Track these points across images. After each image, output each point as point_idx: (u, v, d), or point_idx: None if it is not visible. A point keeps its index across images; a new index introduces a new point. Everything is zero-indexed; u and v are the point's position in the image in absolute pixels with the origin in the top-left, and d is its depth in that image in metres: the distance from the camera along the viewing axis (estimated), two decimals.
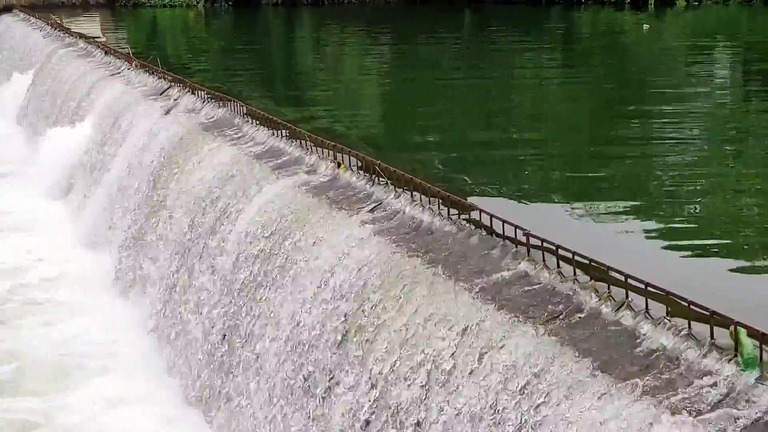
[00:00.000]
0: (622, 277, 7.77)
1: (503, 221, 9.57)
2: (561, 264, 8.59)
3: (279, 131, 15.96)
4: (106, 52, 30.09)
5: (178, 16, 59.98)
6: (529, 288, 8.55)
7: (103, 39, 37.47)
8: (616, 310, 7.69)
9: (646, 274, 7.65)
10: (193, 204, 15.60)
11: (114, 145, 21.55)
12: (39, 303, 17.48)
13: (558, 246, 8.66)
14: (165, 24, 55.29)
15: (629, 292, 7.69)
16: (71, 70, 29.71)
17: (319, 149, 14.21)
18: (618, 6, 64.01)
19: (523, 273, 8.87)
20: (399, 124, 20.08)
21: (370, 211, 11.61)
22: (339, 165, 13.41)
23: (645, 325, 7.34)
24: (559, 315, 7.91)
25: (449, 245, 10.02)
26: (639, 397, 6.49)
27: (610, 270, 8.00)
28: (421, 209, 11.05)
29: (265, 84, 26.87)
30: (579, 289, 8.16)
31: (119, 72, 26.31)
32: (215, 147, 16.69)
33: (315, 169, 13.81)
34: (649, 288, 7.48)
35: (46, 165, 24.85)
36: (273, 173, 14.18)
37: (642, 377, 6.70)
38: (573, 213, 11.94)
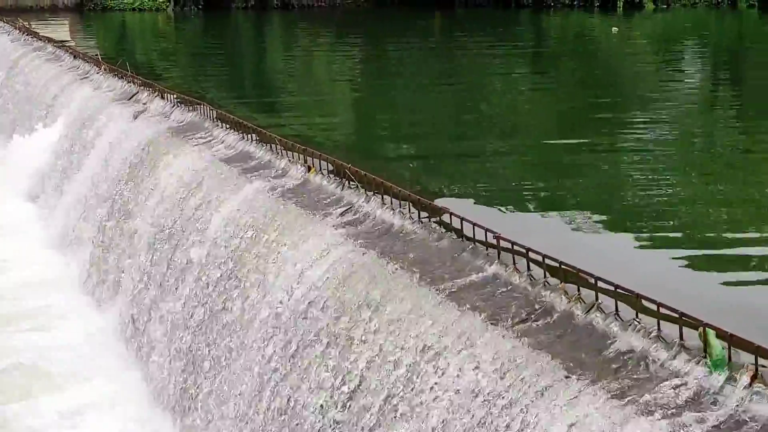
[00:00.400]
0: (591, 279, 7.81)
1: (474, 224, 9.60)
2: (531, 267, 8.62)
3: (249, 135, 15.93)
4: (74, 56, 29.92)
5: (147, 19, 59.71)
6: (500, 291, 8.57)
7: (72, 43, 37.28)
8: (586, 312, 7.72)
9: (615, 276, 7.68)
10: (163, 208, 15.54)
11: (83, 149, 21.44)
12: (6, 306, 17.34)
13: (528, 249, 8.69)
14: (134, 27, 55.04)
15: (599, 294, 7.72)
16: (40, 74, 29.53)
17: (290, 153, 14.19)
18: (587, 9, 64.32)
19: (494, 276, 8.90)
20: (369, 127, 20.09)
21: (340, 215, 11.62)
22: (309, 169, 13.41)
23: (615, 327, 7.37)
24: (530, 317, 7.94)
25: (420, 248, 10.03)
26: (609, 399, 6.52)
27: (580, 272, 8.04)
28: (392, 213, 11.06)
29: (236, 88, 26.80)
30: (549, 292, 8.20)
31: (88, 76, 26.17)
32: (185, 151, 16.64)
33: (285, 173, 13.79)
34: (619, 290, 7.51)
35: (14, 169, 24.72)
36: (243, 177, 14.15)
37: (612, 379, 6.74)
38: (543, 216, 11.98)
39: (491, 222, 9.65)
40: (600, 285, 7.71)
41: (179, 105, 19.60)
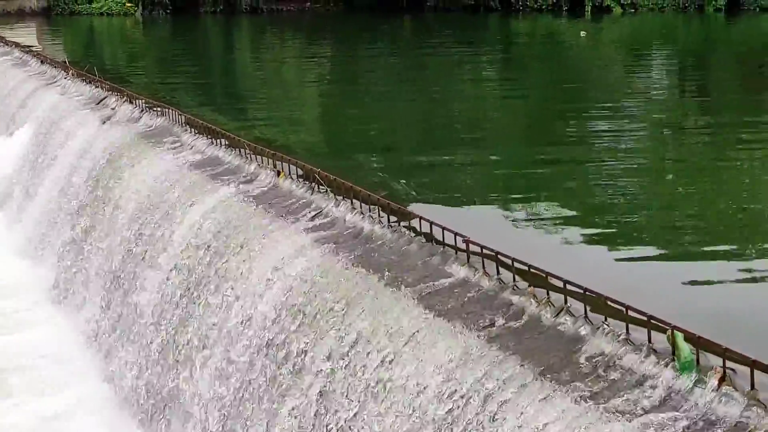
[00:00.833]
0: (560, 283, 7.83)
1: (443, 228, 9.61)
2: (501, 270, 8.64)
3: (218, 140, 15.88)
4: (42, 61, 29.75)
5: (115, 24, 59.46)
6: (469, 294, 8.58)
7: (40, 48, 37.04)
8: (555, 315, 7.74)
9: (584, 279, 7.71)
10: (132, 214, 15.46)
11: (51, 155, 21.29)
12: None
13: (497, 252, 8.71)
14: (102, 32, 54.80)
15: (568, 297, 7.74)
16: (6, 79, 29.32)
17: (259, 158, 14.16)
18: (555, 13, 64.60)
19: (463, 279, 8.90)
20: (339, 132, 20.07)
21: (310, 220, 11.60)
22: (279, 173, 13.38)
23: (584, 330, 7.39)
24: (499, 321, 7.95)
25: (389, 252, 10.03)
26: (579, 402, 6.54)
27: (548, 276, 8.06)
28: (362, 217, 11.05)
29: (205, 92, 26.71)
30: (519, 295, 8.21)
31: (55, 81, 26.03)
32: (154, 156, 16.56)
33: (255, 178, 13.76)
34: (588, 293, 7.54)
35: None
36: (212, 182, 14.10)
37: (582, 382, 6.75)
38: (512, 220, 12.00)
39: (461, 226, 9.65)
40: (569, 288, 7.73)
41: (148, 110, 19.51)
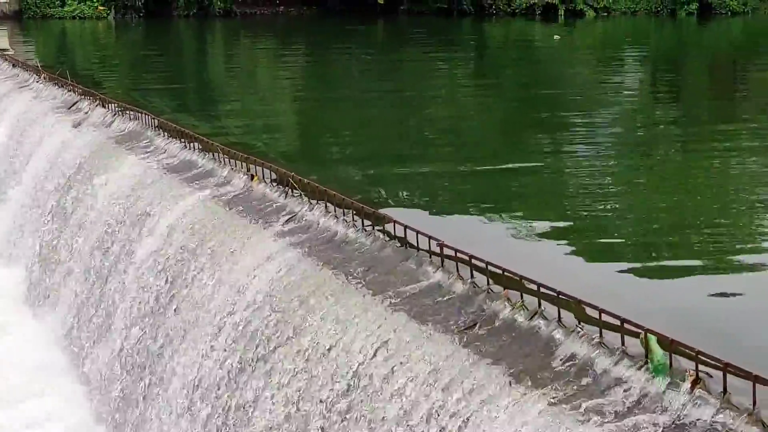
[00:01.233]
0: (534, 287, 7.84)
1: (417, 232, 9.60)
2: (475, 274, 8.64)
3: (191, 144, 15.82)
4: (13, 64, 29.58)
5: (88, 27, 59.16)
6: (444, 298, 8.58)
7: (11, 51, 36.81)
8: (529, 319, 7.75)
9: (558, 283, 7.72)
10: (105, 218, 15.39)
11: (23, 159, 21.17)
12: None
13: (471, 256, 8.71)
14: (75, 36, 54.50)
15: (542, 301, 7.75)
16: None
17: (233, 162, 14.12)
18: (529, 17, 64.81)
19: (438, 283, 8.90)
20: (313, 136, 20.04)
21: (284, 224, 11.57)
22: (252, 177, 13.35)
23: (558, 334, 7.40)
24: (474, 325, 7.95)
25: (364, 256, 10.02)
26: (553, 405, 6.54)
27: (522, 279, 8.07)
28: (335, 221, 11.04)
29: (178, 96, 26.61)
30: (493, 299, 8.21)
31: (27, 85, 25.87)
32: (126, 160, 16.49)
33: (228, 182, 13.72)
34: (561, 297, 7.55)
35: None
36: (186, 186, 14.05)
37: (556, 385, 6.76)
38: (486, 224, 12.01)
39: (435, 230, 9.65)
40: (543, 292, 7.74)
41: (121, 114, 19.43)
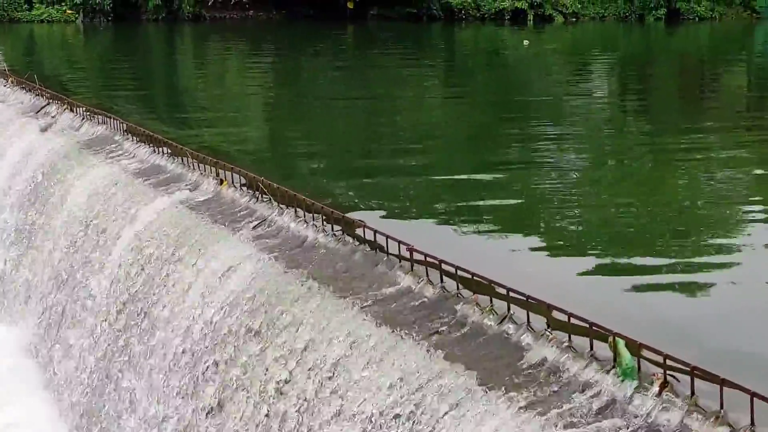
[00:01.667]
0: (503, 291, 7.86)
1: (387, 236, 9.61)
2: (444, 279, 8.66)
3: (160, 148, 15.77)
4: None
5: (56, 31, 58.87)
6: (413, 303, 8.59)
7: None
8: (498, 323, 7.77)
9: (527, 287, 7.75)
10: (72, 223, 15.31)
11: None
12: None
13: (441, 261, 8.72)
14: (42, 39, 54.21)
15: (511, 305, 7.78)
16: None
17: (202, 166, 14.09)
18: (498, 22, 65.09)
19: (407, 288, 8.91)
20: (282, 140, 20.02)
21: (253, 229, 11.55)
22: (221, 182, 13.32)
23: (527, 338, 7.43)
24: (443, 329, 7.96)
25: (333, 261, 10.02)
26: (522, 410, 6.56)
27: (492, 284, 8.09)
28: (305, 225, 11.03)
29: (147, 100, 26.53)
30: (462, 304, 8.23)
31: None
32: (95, 165, 16.41)
33: (197, 187, 13.68)
34: (530, 301, 7.58)
35: None
36: (154, 191, 14.00)
37: (525, 390, 6.78)
38: (456, 229, 12.04)
39: (405, 235, 9.67)
40: (512, 296, 7.76)
41: (89, 118, 19.33)
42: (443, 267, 8.66)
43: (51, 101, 21.74)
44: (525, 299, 7.61)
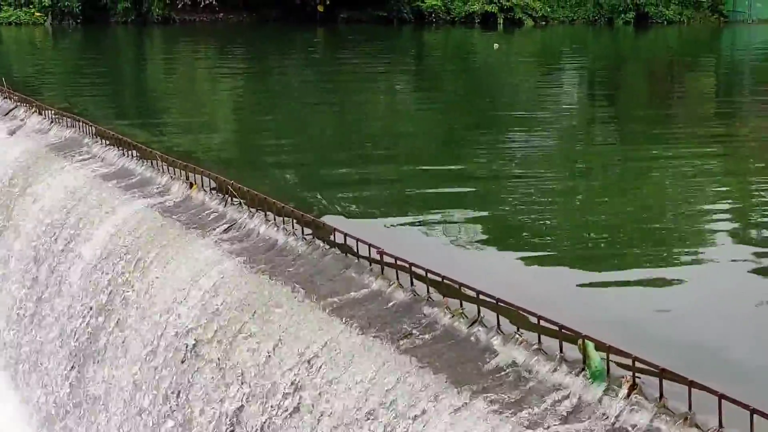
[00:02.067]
0: (474, 294, 7.88)
1: (357, 240, 9.61)
2: (414, 282, 8.67)
3: (130, 152, 15.71)
4: None
5: (23, 33, 58.49)
6: (383, 306, 8.59)
7: None
8: (468, 326, 7.79)
9: (497, 290, 7.77)
10: (41, 227, 15.21)
11: None
12: None
13: (412, 264, 8.74)
14: (10, 42, 53.84)
15: (481, 308, 7.80)
16: None
17: (172, 169, 14.05)
18: (468, 25, 65.26)
19: (377, 291, 8.91)
20: (253, 144, 19.98)
21: (223, 232, 11.52)
22: (191, 185, 13.28)
23: (497, 341, 7.45)
24: (413, 332, 7.97)
25: (304, 265, 10.01)
26: (492, 413, 6.58)
27: (462, 287, 8.10)
28: (276, 229, 11.02)
29: (116, 104, 26.42)
30: (432, 307, 8.24)
31: None
32: (63, 168, 16.33)
33: (167, 190, 13.64)
34: (500, 304, 7.60)
35: None
36: (124, 194, 13.94)
37: (494, 393, 6.80)
38: (426, 232, 12.04)
39: (375, 238, 9.67)
40: (482, 299, 7.78)
41: (58, 121, 19.24)
42: (414, 270, 8.67)
43: (19, 104, 21.61)
44: (495, 302, 7.64)
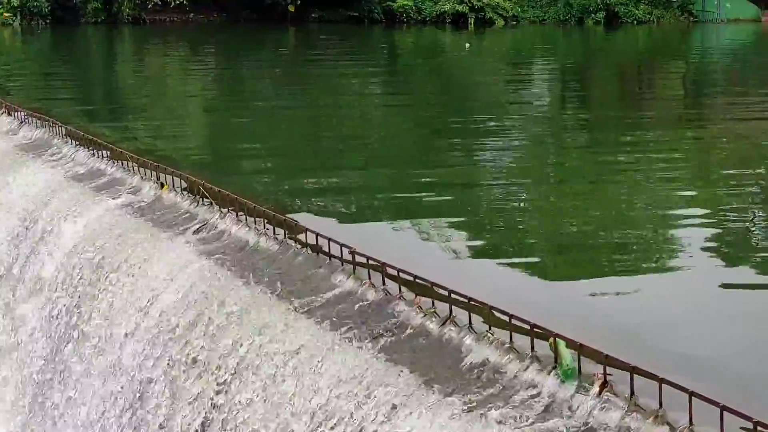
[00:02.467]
0: (445, 293, 7.89)
1: (329, 239, 9.61)
2: (387, 281, 8.67)
3: (101, 152, 15.64)
4: None
5: None
6: (355, 306, 8.59)
7: None
8: (440, 325, 7.80)
9: (469, 289, 7.78)
10: (11, 227, 15.12)
11: None
12: None
13: (383, 263, 8.74)
14: None
15: (453, 307, 7.81)
16: None
17: (143, 170, 13.99)
18: (439, 25, 65.37)
19: (349, 291, 8.91)
20: (224, 144, 19.93)
21: (194, 232, 11.49)
22: (162, 186, 13.24)
23: (468, 340, 7.46)
24: (385, 332, 7.97)
25: (275, 264, 9.99)
26: (464, 411, 6.59)
27: (434, 286, 8.11)
28: (247, 229, 10.99)
29: (87, 104, 26.28)
30: (404, 306, 8.25)
31: None
32: (33, 169, 16.24)
33: (138, 190, 13.59)
34: (472, 302, 7.61)
35: None
36: (94, 195, 13.88)
37: (466, 392, 6.81)
38: (398, 232, 12.05)
39: (347, 237, 9.67)
40: (454, 298, 7.79)
41: (27, 121, 19.13)
42: (385, 269, 8.68)
43: None
44: (467, 301, 7.65)
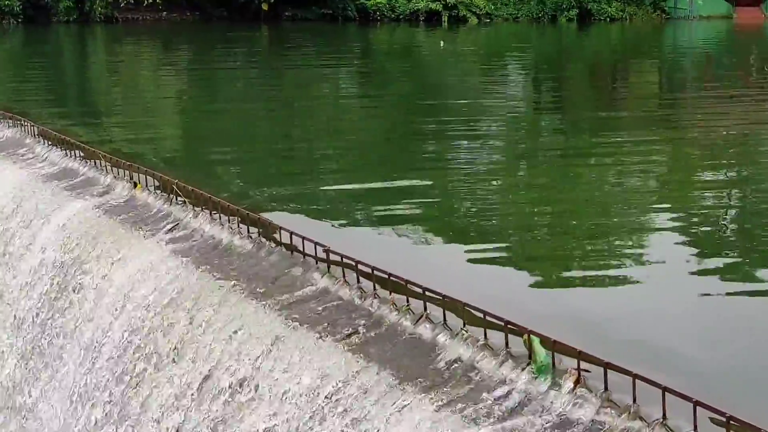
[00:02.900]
0: (420, 290, 7.90)
1: (303, 238, 9.60)
2: (361, 279, 8.67)
3: (73, 152, 15.57)
4: None
5: None
6: (330, 304, 8.58)
7: None
8: (415, 322, 7.80)
9: (443, 286, 7.79)
10: None
11: None
12: None
13: (358, 261, 8.74)
14: None
15: (427, 304, 7.81)
16: None
17: (115, 169, 13.93)
18: (412, 23, 65.41)
19: (324, 289, 8.91)
20: (197, 143, 19.86)
21: (168, 232, 11.45)
22: (135, 185, 13.18)
23: (443, 337, 7.47)
24: (360, 330, 7.97)
25: (249, 263, 9.98)
26: (438, 409, 6.59)
27: (408, 284, 8.12)
28: (221, 228, 10.97)
29: (59, 103, 26.15)
30: (379, 304, 8.25)
31: None
32: (4, 168, 16.14)
33: (111, 190, 13.53)
34: (446, 300, 7.62)
35: None
36: (67, 195, 13.82)
37: (441, 388, 6.82)
38: (372, 231, 12.04)
39: (321, 236, 9.67)
40: (428, 295, 7.80)
41: None
42: (360, 268, 8.67)
43: None
44: (441, 298, 7.66)
